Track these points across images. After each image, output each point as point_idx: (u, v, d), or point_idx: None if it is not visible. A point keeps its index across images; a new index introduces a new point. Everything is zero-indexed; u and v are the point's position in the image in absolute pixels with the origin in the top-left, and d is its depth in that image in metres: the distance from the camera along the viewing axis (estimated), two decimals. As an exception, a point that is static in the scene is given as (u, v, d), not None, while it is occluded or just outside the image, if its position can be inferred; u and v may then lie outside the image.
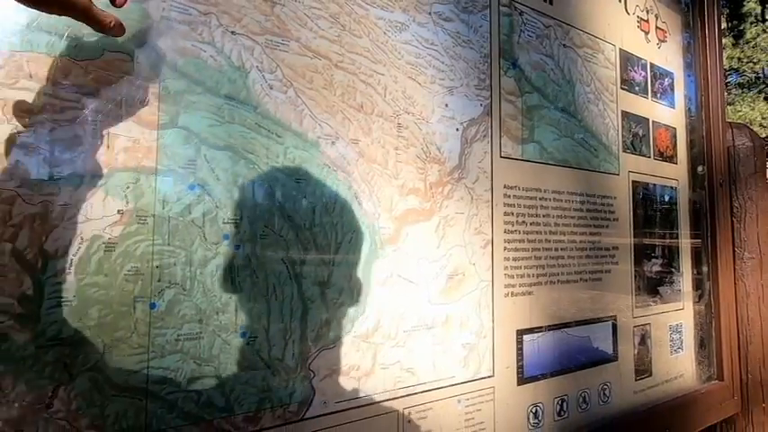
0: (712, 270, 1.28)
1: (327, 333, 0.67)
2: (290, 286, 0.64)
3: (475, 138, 0.86)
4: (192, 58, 0.58)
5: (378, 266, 0.72)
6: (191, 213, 0.57)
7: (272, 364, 0.62)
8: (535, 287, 0.92)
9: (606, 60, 1.13)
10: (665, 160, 1.26)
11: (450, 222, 0.81)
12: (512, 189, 0.90)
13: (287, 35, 0.66)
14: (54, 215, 0.49)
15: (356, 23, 0.73)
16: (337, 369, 0.67)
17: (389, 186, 0.74)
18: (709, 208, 1.29)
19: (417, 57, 0.79)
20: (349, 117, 0.71)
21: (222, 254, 0.59)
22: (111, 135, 0.53)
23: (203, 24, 0.60)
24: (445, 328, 0.79)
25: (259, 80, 0.63)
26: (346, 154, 0.70)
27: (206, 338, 0.57)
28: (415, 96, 0.78)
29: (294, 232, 0.65)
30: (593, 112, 1.08)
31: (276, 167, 0.64)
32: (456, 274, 0.81)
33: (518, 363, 0.88)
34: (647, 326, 1.15)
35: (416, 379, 0.75)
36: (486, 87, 0.88)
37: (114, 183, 0.53)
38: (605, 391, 1.03)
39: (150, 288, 0.54)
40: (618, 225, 1.11)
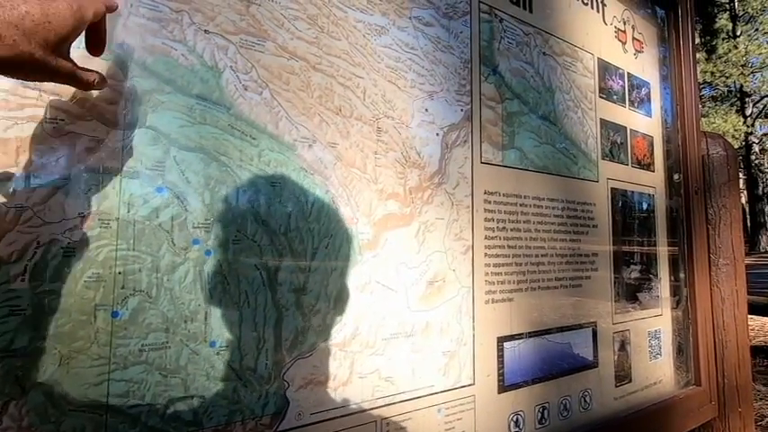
0: (689, 276, 1.30)
1: (303, 341, 0.64)
2: (264, 293, 0.62)
3: (455, 143, 0.85)
4: (161, 57, 0.56)
5: (356, 272, 0.70)
6: (158, 217, 0.55)
7: (243, 374, 0.59)
8: (516, 294, 0.92)
9: (585, 69, 1.14)
10: (642, 168, 1.28)
11: (430, 228, 0.80)
12: (492, 195, 0.90)
13: (263, 35, 0.65)
14: (8, 218, 0.46)
15: (335, 26, 0.72)
16: (313, 379, 0.65)
17: (368, 191, 0.73)
18: (686, 215, 1.32)
19: (397, 61, 0.79)
20: (327, 120, 0.70)
21: (191, 259, 0.57)
22: (73, 134, 0.50)
23: (174, 22, 0.58)
24: (425, 336, 0.77)
25: (233, 80, 0.62)
26: (324, 157, 0.69)
27: (173, 348, 0.54)
28: (394, 100, 0.78)
29: (268, 237, 0.63)
30: (572, 120, 1.09)
31: (250, 170, 0.62)
32: (436, 281, 0.80)
33: (499, 370, 0.87)
34: (627, 332, 1.16)
35: (395, 388, 0.73)
36: (466, 93, 0.88)
37: (75, 184, 0.50)
38: (586, 397, 1.03)
39: (113, 296, 0.51)
40: (597, 232, 1.12)
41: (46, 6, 0.38)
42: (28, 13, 0.36)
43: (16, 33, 0.35)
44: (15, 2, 0.36)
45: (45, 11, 0.37)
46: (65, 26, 0.39)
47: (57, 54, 0.40)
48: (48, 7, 0.38)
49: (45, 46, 0.38)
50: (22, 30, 0.36)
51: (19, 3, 0.36)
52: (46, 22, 0.37)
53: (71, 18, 0.40)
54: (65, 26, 0.39)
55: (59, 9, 0.39)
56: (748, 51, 14.31)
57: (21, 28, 0.35)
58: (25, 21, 0.36)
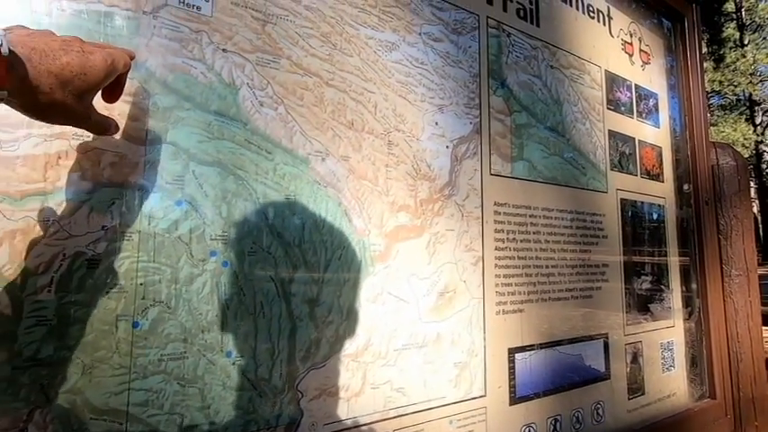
0: (701, 287, 1.29)
1: (316, 352, 0.65)
2: (279, 304, 0.63)
3: (465, 155, 0.86)
4: (181, 75, 0.59)
5: (368, 284, 0.71)
6: (177, 229, 0.56)
7: (258, 384, 0.60)
8: (526, 305, 0.92)
9: (592, 81, 1.16)
10: (651, 178, 1.28)
11: (440, 239, 0.81)
12: (502, 206, 0.91)
13: (278, 53, 0.67)
14: (36, 231, 0.48)
15: (347, 42, 0.74)
16: (326, 389, 0.66)
17: (380, 203, 0.74)
18: (696, 225, 1.31)
19: (407, 76, 0.80)
20: (339, 134, 0.71)
21: (209, 271, 0.58)
22: (98, 150, 0.52)
23: (194, 42, 0.60)
24: (436, 347, 0.78)
25: (249, 97, 0.63)
26: (336, 171, 0.70)
27: (190, 358, 0.56)
28: (405, 114, 0.79)
29: (283, 249, 0.64)
30: (580, 131, 1.10)
31: (266, 184, 0.64)
32: (447, 292, 0.80)
33: (510, 382, 0.87)
34: (639, 343, 1.15)
35: (407, 399, 0.73)
36: (475, 106, 0.89)
37: (99, 198, 0.52)
38: (599, 410, 1.02)
39: (134, 306, 0.53)
40: (607, 242, 1.11)
41: (85, 59, 0.40)
42: (68, 64, 0.38)
43: (54, 82, 0.37)
44: (57, 53, 0.38)
45: (83, 63, 0.40)
46: (98, 78, 0.42)
47: (85, 102, 0.42)
48: (86, 60, 0.40)
49: (77, 95, 0.40)
50: (60, 80, 0.38)
51: (61, 54, 0.38)
52: (82, 73, 0.40)
53: (104, 71, 0.42)
54: (98, 78, 0.42)
55: (96, 62, 0.41)
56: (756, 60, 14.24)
57: (59, 78, 0.38)
58: (65, 71, 0.38)
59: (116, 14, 0.55)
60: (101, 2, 0.54)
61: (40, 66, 0.36)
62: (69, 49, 0.39)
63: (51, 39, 0.39)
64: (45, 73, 0.36)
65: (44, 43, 0.38)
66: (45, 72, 0.36)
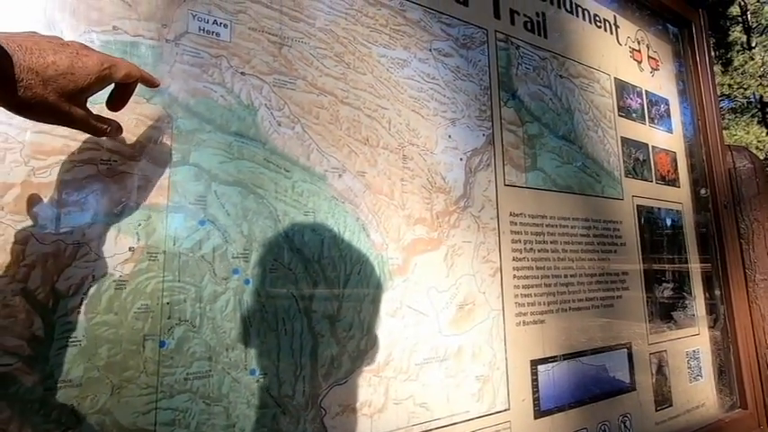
0: (725, 293, 1.26)
1: (338, 368, 0.65)
2: (300, 320, 0.63)
3: (479, 167, 0.87)
4: (203, 98, 0.60)
5: (387, 298, 0.71)
6: (201, 249, 0.57)
7: (282, 402, 0.60)
8: (547, 315, 0.91)
9: (602, 89, 1.16)
10: (667, 184, 1.27)
11: (457, 251, 0.81)
12: (518, 216, 0.91)
13: (294, 74, 0.68)
14: (66, 254, 0.50)
15: (360, 61, 0.75)
16: (349, 406, 0.65)
17: (396, 217, 0.75)
18: (716, 230, 1.29)
19: (419, 91, 0.82)
20: (355, 150, 0.72)
21: (232, 289, 0.59)
22: (125, 174, 0.54)
23: (214, 66, 0.62)
24: (457, 360, 0.77)
25: (267, 117, 0.65)
26: (353, 186, 0.71)
27: (215, 377, 0.56)
28: (418, 128, 0.80)
29: (303, 265, 0.65)
30: (593, 139, 1.10)
31: (285, 201, 0.65)
32: (466, 304, 0.80)
33: (534, 395, 0.85)
34: (664, 353, 1.12)
35: (430, 414, 0.73)
36: (487, 118, 0.90)
37: (126, 220, 0.53)
38: (626, 423, 0.99)
39: (160, 325, 0.53)
40: (626, 250, 1.10)
41: (75, 59, 0.41)
42: (54, 63, 0.39)
43: (34, 78, 0.38)
44: (46, 52, 0.39)
45: (72, 63, 0.41)
46: (86, 80, 0.42)
47: (72, 102, 0.42)
48: (77, 61, 0.41)
49: (60, 93, 0.40)
50: (42, 77, 0.38)
51: (49, 53, 0.39)
52: (69, 73, 0.40)
53: (96, 74, 0.43)
54: (86, 80, 0.42)
55: (87, 64, 0.42)
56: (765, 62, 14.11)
57: (41, 75, 0.38)
58: (48, 69, 0.39)
59: (141, 44, 0.57)
60: (126, 32, 0.56)
61: (23, 62, 0.37)
62: (61, 50, 0.40)
63: (46, 40, 0.40)
64: (26, 69, 0.37)
65: (34, 42, 0.38)
66: (26, 68, 0.37)
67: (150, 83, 0.53)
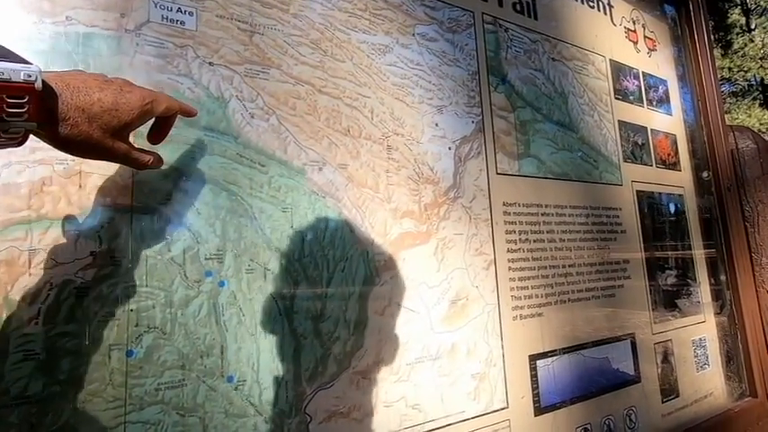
0: (731, 279, 1.22)
1: (323, 371, 0.62)
2: (280, 323, 0.60)
3: (469, 155, 0.83)
4: (168, 91, 0.57)
5: (375, 295, 0.68)
6: (170, 251, 0.54)
7: (263, 409, 0.57)
8: (545, 308, 0.87)
9: (597, 71, 1.12)
10: (668, 168, 1.23)
11: (448, 244, 0.77)
12: (511, 206, 0.87)
13: (267, 63, 0.65)
14: (21, 261, 0.46)
15: (338, 48, 0.72)
16: (337, 411, 0.62)
17: (382, 210, 0.71)
18: (720, 214, 1.25)
19: (403, 78, 0.78)
20: (335, 142, 0.69)
21: (205, 292, 0.55)
22: (83, 174, 0.50)
23: (179, 57, 0.58)
24: (451, 358, 0.74)
25: (239, 109, 0.61)
26: (335, 179, 0.68)
27: (189, 386, 0.53)
28: (403, 117, 0.76)
29: (282, 265, 0.61)
30: (588, 124, 1.06)
31: (260, 198, 0.61)
32: (459, 299, 0.76)
33: (533, 391, 0.82)
34: (669, 342, 1.09)
35: (424, 416, 0.69)
36: (476, 104, 0.86)
37: (87, 223, 0.50)
38: (631, 416, 0.96)
39: (127, 334, 0.50)
40: (626, 237, 1.06)
41: (119, 96, 0.42)
42: (99, 101, 0.40)
43: (81, 116, 0.39)
44: (92, 90, 0.40)
45: (116, 100, 0.41)
46: (130, 115, 0.43)
47: (116, 137, 0.42)
48: (120, 97, 0.42)
49: (105, 129, 0.41)
50: (88, 114, 0.39)
51: (95, 91, 0.40)
52: (113, 109, 0.41)
53: (138, 109, 0.44)
54: (130, 115, 0.43)
55: (130, 100, 0.43)
56: (765, 44, 13.93)
57: (87, 112, 0.39)
58: (94, 107, 0.40)
59: (97, 35, 0.53)
60: (81, 23, 0.53)
61: (71, 101, 0.38)
62: (106, 88, 0.41)
63: (93, 78, 0.41)
64: (73, 107, 0.38)
65: (81, 81, 0.40)
66: (74, 106, 0.38)
67: (189, 113, 0.53)
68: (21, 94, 0.33)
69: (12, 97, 0.33)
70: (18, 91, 0.33)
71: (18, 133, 0.35)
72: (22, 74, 0.33)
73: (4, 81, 0.32)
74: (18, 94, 0.33)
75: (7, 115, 0.33)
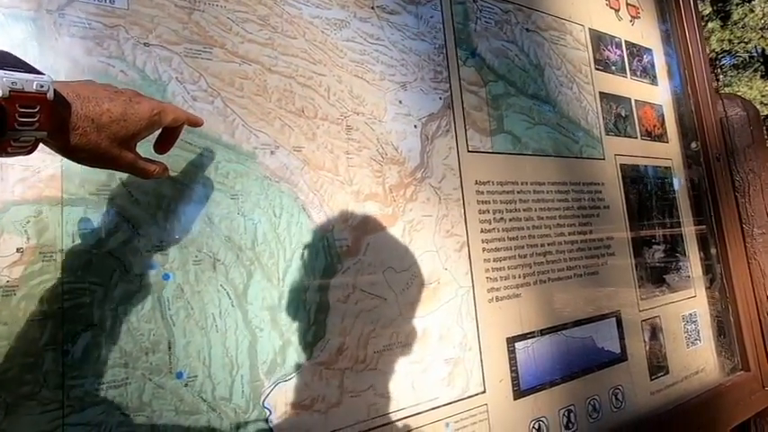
0: (721, 251, 1.19)
1: (283, 363, 0.59)
2: (233, 315, 0.57)
3: (437, 133, 0.79)
4: (98, 75, 0.53)
5: (337, 283, 0.65)
6: (107, 244, 0.51)
7: (216, 405, 0.54)
8: (523, 288, 0.84)
9: (576, 41, 1.07)
10: (654, 140, 1.19)
11: (416, 227, 0.74)
12: (484, 185, 0.83)
13: (209, 42, 0.61)
14: (-62, 261, 0.43)
15: (289, 24, 0.68)
16: (298, 403, 0.60)
17: (343, 194, 0.68)
18: (709, 185, 1.21)
19: (362, 54, 0.74)
20: (289, 123, 0.65)
21: (148, 286, 0.53)
22: (4, 166, 0.47)
23: (110, 38, 0.55)
24: (423, 344, 0.71)
25: (180, 92, 0.58)
26: (289, 163, 0.64)
27: (134, 384, 0.50)
28: (363, 95, 0.73)
29: (234, 254, 0.58)
30: (567, 96, 1.01)
31: (207, 185, 0.58)
32: (429, 283, 0.74)
33: (512, 374, 0.80)
34: (657, 318, 1.06)
35: (395, 404, 0.67)
36: (443, 80, 0.82)
37: (10, 218, 0.47)
38: (617, 395, 0.94)
39: (62, 333, 0.48)
40: (610, 213, 1.03)
41: (128, 106, 0.43)
42: (108, 111, 0.41)
43: (90, 125, 0.39)
44: (101, 100, 0.40)
45: (125, 110, 0.42)
46: (138, 126, 0.43)
47: (123, 146, 0.43)
48: (129, 108, 0.43)
49: (113, 139, 0.41)
50: (97, 123, 0.40)
51: (104, 101, 0.41)
52: (122, 119, 0.42)
53: (147, 120, 0.44)
54: (138, 126, 0.43)
55: (139, 111, 0.43)
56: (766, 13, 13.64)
57: (96, 122, 0.40)
58: (103, 117, 0.40)
59: (13, 17, 0.50)
60: (-5, 4, 0.49)
61: (80, 111, 0.39)
62: (115, 98, 0.42)
63: (102, 88, 0.42)
64: (83, 117, 0.39)
65: (91, 91, 0.40)
66: (83, 116, 0.39)
67: (195, 123, 0.53)
68: (33, 104, 0.34)
69: (24, 107, 0.33)
70: (30, 100, 0.34)
71: (28, 142, 0.35)
72: (35, 84, 0.34)
73: (17, 91, 0.33)
74: (30, 103, 0.34)
75: (19, 124, 0.33)
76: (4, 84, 0.32)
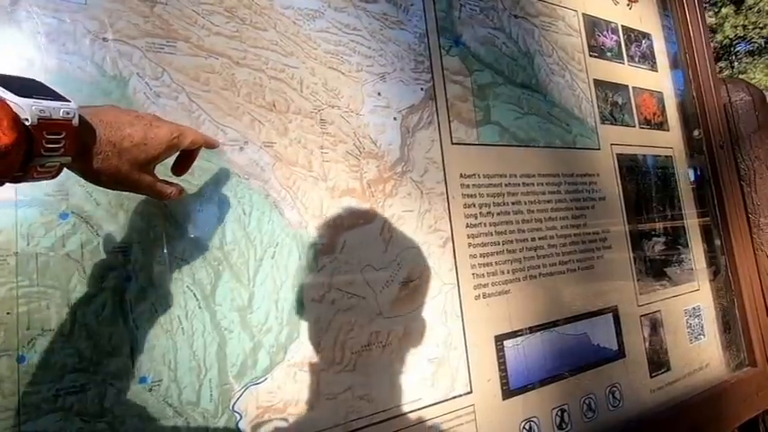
0: (726, 243, 1.14)
1: (254, 366, 0.58)
2: (201, 316, 0.55)
3: (418, 126, 0.77)
4: (53, 72, 0.52)
5: (311, 281, 0.63)
6: (64, 246, 0.50)
7: (183, 410, 0.53)
8: (512, 284, 0.81)
9: (568, 27, 1.03)
10: (653, 128, 1.14)
11: (397, 222, 0.72)
12: (470, 178, 0.80)
13: (173, 36, 0.59)
14: None
15: (258, 16, 0.65)
16: (271, 406, 0.58)
17: (317, 190, 0.66)
18: (713, 174, 1.16)
19: (338, 45, 0.71)
20: (259, 118, 0.63)
21: (109, 288, 0.51)
22: (-46, 167, 0.46)
23: (66, 34, 0.53)
24: (404, 343, 0.69)
25: (142, 88, 0.56)
26: (259, 159, 0.62)
27: (94, 389, 0.49)
28: (339, 87, 0.70)
29: (201, 254, 0.57)
30: (559, 85, 0.98)
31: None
32: (411, 281, 0.71)
33: (501, 373, 0.77)
34: (657, 313, 1.02)
35: (374, 406, 0.65)
36: (425, 70, 0.79)
37: (-39, 221, 0.46)
38: (615, 393, 0.90)
39: (17, 339, 0.46)
40: (606, 205, 0.99)
41: (148, 131, 0.43)
42: (129, 135, 0.42)
43: (112, 150, 0.40)
44: (123, 125, 0.42)
45: (146, 135, 0.43)
46: (157, 150, 0.44)
47: (142, 170, 0.44)
48: (149, 132, 0.44)
49: (133, 163, 0.43)
50: (119, 148, 0.41)
51: (126, 126, 0.42)
52: (142, 144, 0.43)
53: (166, 144, 0.45)
54: (157, 150, 0.44)
55: (159, 135, 0.44)
56: (782, -4, 13.22)
57: (118, 146, 0.41)
58: (124, 141, 0.41)
59: (-38, 12, 0.48)
60: (-56, 1, 0.48)
61: (104, 136, 0.40)
62: (137, 123, 0.43)
63: (125, 113, 0.43)
64: (105, 142, 0.40)
65: (114, 116, 0.42)
66: (106, 141, 0.40)
67: (212, 146, 0.54)
68: (59, 131, 0.35)
69: (51, 133, 0.34)
70: (57, 127, 0.34)
71: (53, 167, 0.36)
72: (62, 111, 0.35)
73: (44, 119, 0.33)
74: (57, 130, 0.34)
75: (45, 150, 0.34)
76: (33, 112, 0.32)
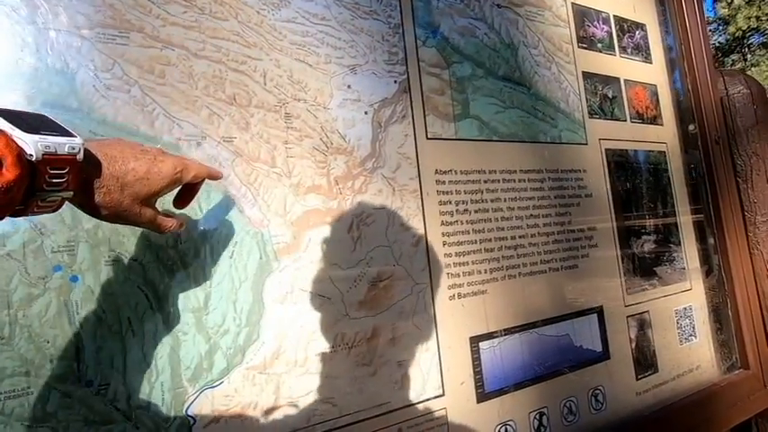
0: (720, 241, 1.11)
1: (209, 369, 0.56)
2: (153, 318, 0.54)
3: (391, 120, 0.74)
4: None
5: (273, 282, 0.61)
6: (5, 246, 0.48)
7: (133, 414, 0.51)
8: (489, 284, 0.79)
9: (555, 17, 0.99)
10: (646, 122, 1.10)
11: (366, 220, 0.69)
12: (446, 174, 0.78)
13: (125, 26, 0.57)
14: None
15: (218, 5, 0.63)
16: (227, 411, 0.56)
17: (280, 187, 0.64)
18: (707, 170, 1.12)
19: (305, 35, 0.69)
20: (218, 112, 0.61)
21: (53, 289, 0.49)
22: None
23: (6, 23, 0.51)
24: (372, 345, 0.67)
25: (90, 81, 0.54)
26: (218, 155, 0.60)
27: (37, 393, 0.47)
28: (305, 80, 0.68)
29: (153, 253, 0.55)
30: (544, 77, 0.94)
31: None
32: (381, 280, 0.69)
33: (476, 376, 0.75)
34: (645, 314, 0.99)
35: (338, 410, 0.63)
36: (399, 62, 0.76)
37: None
38: (598, 396, 0.88)
39: (-47, 341, 0.45)
40: (592, 202, 0.96)
41: (152, 165, 0.43)
42: (133, 170, 0.41)
43: (115, 184, 0.40)
44: (127, 159, 0.41)
45: (149, 169, 0.43)
46: (160, 184, 0.44)
47: (144, 203, 0.43)
48: (153, 166, 0.43)
49: (135, 197, 0.42)
50: (122, 182, 0.41)
51: (130, 160, 0.42)
52: (145, 178, 0.42)
53: (169, 178, 0.45)
54: (160, 184, 0.44)
55: (162, 169, 0.44)
56: (796, -14, 12.90)
57: (120, 180, 0.40)
58: (128, 176, 0.41)
59: None
60: None
61: (107, 170, 0.39)
62: (141, 157, 0.43)
63: (130, 147, 0.43)
64: (109, 176, 0.39)
65: (118, 150, 0.41)
66: (109, 175, 0.40)
67: (215, 177, 0.54)
68: (63, 166, 0.34)
69: (54, 168, 0.34)
70: (61, 163, 0.34)
71: (54, 201, 0.36)
72: (67, 147, 0.35)
73: (49, 154, 0.33)
74: (60, 165, 0.34)
75: (48, 185, 0.34)
76: (38, 149, 0.32)
